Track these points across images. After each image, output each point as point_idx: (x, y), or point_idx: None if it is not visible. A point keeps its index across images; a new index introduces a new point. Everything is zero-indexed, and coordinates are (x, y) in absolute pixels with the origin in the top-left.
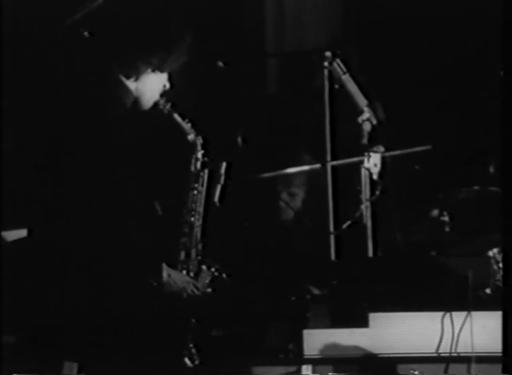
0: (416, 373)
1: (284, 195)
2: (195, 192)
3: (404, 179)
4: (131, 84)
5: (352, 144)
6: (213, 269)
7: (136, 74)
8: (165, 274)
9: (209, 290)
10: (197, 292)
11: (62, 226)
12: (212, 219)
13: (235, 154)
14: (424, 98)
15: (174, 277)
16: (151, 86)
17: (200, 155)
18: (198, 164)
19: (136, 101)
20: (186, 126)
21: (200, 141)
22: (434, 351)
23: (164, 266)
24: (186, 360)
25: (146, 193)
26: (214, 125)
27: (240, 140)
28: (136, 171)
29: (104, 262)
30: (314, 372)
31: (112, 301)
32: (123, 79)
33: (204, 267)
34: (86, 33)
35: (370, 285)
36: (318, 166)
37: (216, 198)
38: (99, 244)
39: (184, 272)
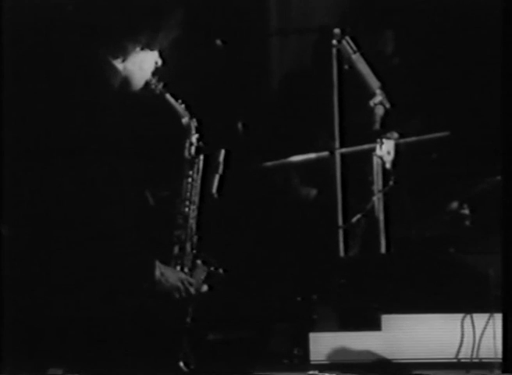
0: None
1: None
2: (190, 180)
3: (420, 168)
4: (119, 64)
5: (363, 130)
6: (209, 265)
7: (123, 54)
8: (157, 272)
9: (205, 288)
10: (191, 290)
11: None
12: (209, 209)
13: (234, 141)
14: (442, 78)
15: (167, 275)
16: (140, 64)
17: (194, 139)
18: (193, 149)
19: (125, 82)
20: (180, 107)
21: (194, 124)
22: (453, 356)
23: (157, 263)
24: (181, 364)
25: (136, 181)
26: (211, 108)
27: (240, 125)
28: (125, 157)
29: (89, 258)
30: None
31: (98, 300)
32: (110, 59)
33: (199, 262)
34: (70, 8)
35: (382, 284)
36: (325, 153)
37: (214, 189)
38: (83, 238)
39: (178, 268)
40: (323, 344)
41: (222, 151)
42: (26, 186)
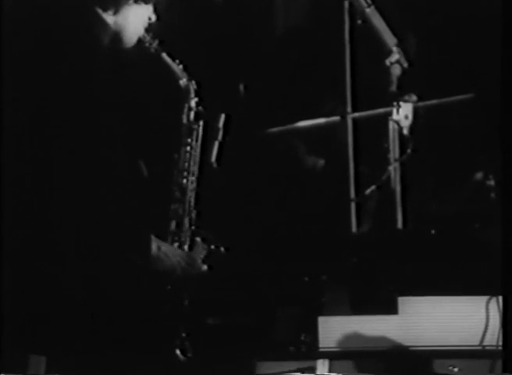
0: (456, 370)
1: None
2: (188, 148)
3: (441, 134)
4: (109, 18)
5: (378, 92)
6: (209, 242)
7: (114, 6)
8: (154, 247)
9: (204, 267)
10: (190, 270)
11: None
12: (209, 181)
13: (235, 104)
14: (465, 34)
15: (165, 251)
16: (133, 19)
17: (193, 103)
18: (191, 114)
19: (116, 38)
20: (177, 68)
21: (193, 86)
22: (477, 343)
23: (153, 237)
24: (178, 352)
25: (128, 150)
26: (210, 68)
27: (241, 87)
28: (116, 123)
29: (80, 233)
30: (331, 368)
31: (88, 280)
32: (99, 11)
33: (198, 240)
34: None
35: (399, 263)
36: (336, 118)
37: (213, 158)
38: (72, 211)
39: (175, 245)
40: (333, 329)
41: (222, 116)
42: (18, 151)
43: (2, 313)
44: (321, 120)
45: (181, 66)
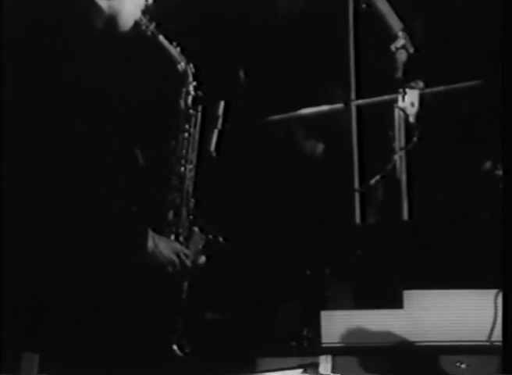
0: (463, 366)
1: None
2: (186, 135)
3: (448, 122)
4: (102, 1)
5: (383, 79)
6: (208, 233)
7: None
8: (150, 243)
9: (203, 259)
10: (187, 263)
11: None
12: (207, 170)
13: (235, 90)
14: (474, 18)
15: (160, 246)
16: (128, 1)
17: (191, 87)
18: (190, 99)
19: (111, 22)
20: (175, 51)
21: (191, 69)
22: (485, 339)
23: (150, 232)
24: (175, 348)
25: (124, 137)
26: (209, 53)
27: (241, 73)
28: (112, 109)
29: (72, 224)
30: (334, 364)
31: (83, 274)
32: None
33: (196, 230)
34: None
35: (404, 255)
36: (339, 106)
37: (212, 147)
38: (64, 201)
39: (172, 236)
40: (336, 324)
41: (222, 103)
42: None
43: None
44: (325, 107)
45: (179, 49)
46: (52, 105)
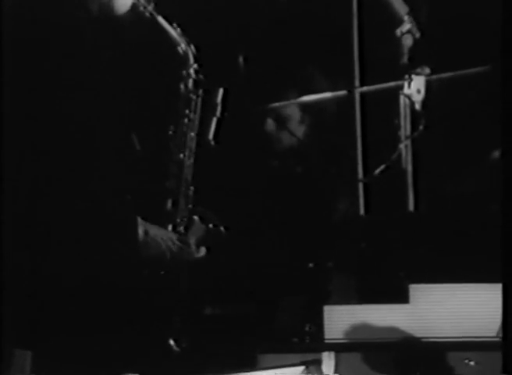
0: (471, 363)
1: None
2: (186, 121)
3: (456, 110)
4: None
5: (388, 65)
6: (208, 222)
7: None
8: (140, 231)
9: (203, 250)
10: (185, 252)
11: None
12: (207, 156)
13: (234, 77)
14: (482, 1)
15: (152, 234)
16: None
17: (192, 70)
18: (190, 83)
19: (106, 5)
20: (175, 32)
21: (192, 51)
22: (495, 334)
23: (139, 220)
24: (171, 343)
25: (120, 122)
26: (208, 38)
27: (241, 59)
28: (109, 93)
29: (65, 212)
30: (338, 361)
31: (75, 269)
32: None
33: (195, 219)
34: None
35: (410, 248)
36: (343, 92)
37: (211, 135)
38: (58, 190)
39: (170, 226)
40: (340, 319)
41: (220, 91)
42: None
43: None
44: (327, 95)
45: (179, 30)
46: (48, 90)
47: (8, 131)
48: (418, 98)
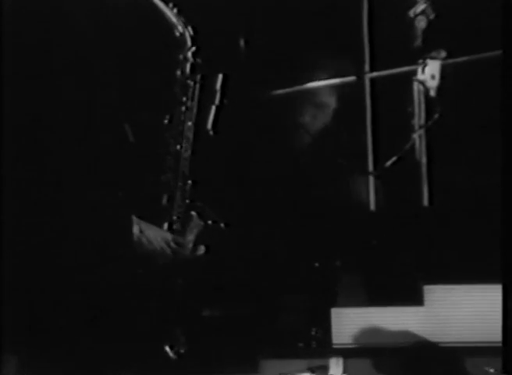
0: (492, 370)
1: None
2: (182, 109)
3: (473, 96)
4: None
5: (400, 49)
6: (206, 218)
7: None
8: (135, 230)
9: (201, 249)
10: (182, 252)
11: None
12: (205, 147)
13: (234, 62)
14: None
15: (147, 233)
16: None
17: (190, 54)
18: (187, 67)
19: None
20: (171, 13)
21: (189, 33)
22: None
23: (134, 218)
24: (167, 349)
25: (112, 111)
26: (208, 17)
27: (241, 42)
28: (102, 79)
29: (54, 210)
30: (346, 367)
31: (64, 269)
32: None
33: (193, 214)
34: None
35: (425, 246)
36: (351, 79)
37: (209, 125)
38: (45, 185)
39: (166, 223)
40: (348, 322)
41: (220, 77)
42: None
43: None
44: (335, 81)
45: (176, 11)
46: (36, 75)
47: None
48: (433, 84)
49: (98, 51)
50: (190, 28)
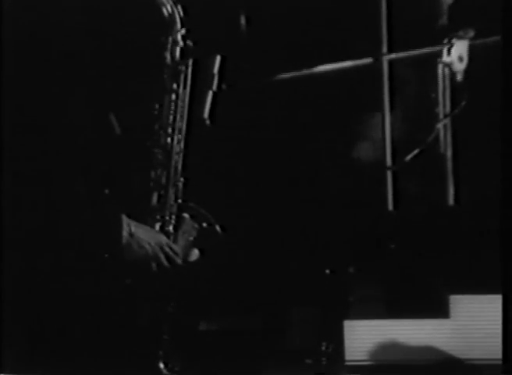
0: None
1: None
2: (173, 97)
3: (505, 81)
4: None
5: (423, 27)
6: (201, 220)
7: None
8: (125, 233)
9: (195, 254)
10: (176, 259)
11: None
12: (200, 140)
13: (234, 42)
14: None
15: (138, 235)
16: None
17: (179, 36)
18: (177, 51)
19: None
20: None
21: (179, 12)
22: None
23: (124, 218)
24: (161, 366)
25: (96, 101)
26: None
27: (242, 20)
28: (79, 65)
29: (34, 208)
30: None
31: (52, 273)
32: None
33: (186, 216)
34: None
35: (450, 251)
36: (367, 61)
37: (206, 113)
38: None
39: (157, 225)
40: (363, 336)
41: (217, 59)
42: None
43: None
44: (348, 63)
45: None
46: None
47: None
48: (460, 68)
49: (77, 33)
50: (179, 6)
